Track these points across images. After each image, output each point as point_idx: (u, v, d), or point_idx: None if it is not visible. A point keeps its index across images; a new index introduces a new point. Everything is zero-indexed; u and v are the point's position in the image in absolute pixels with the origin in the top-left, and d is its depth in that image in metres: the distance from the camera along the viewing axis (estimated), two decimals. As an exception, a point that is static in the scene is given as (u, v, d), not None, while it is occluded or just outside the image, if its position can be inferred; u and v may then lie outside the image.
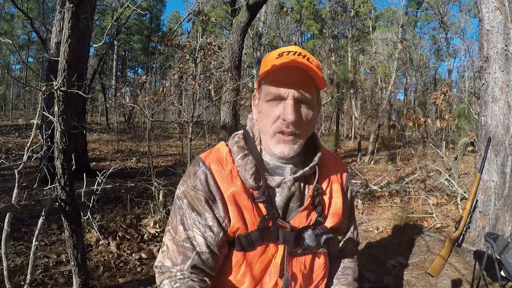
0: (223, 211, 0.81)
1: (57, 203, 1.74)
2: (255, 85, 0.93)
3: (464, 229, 1.97)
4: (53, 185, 1.79)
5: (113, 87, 21.07)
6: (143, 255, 2.73)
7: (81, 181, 2.29)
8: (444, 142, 8.45)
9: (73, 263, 1.82)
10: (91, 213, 2.67)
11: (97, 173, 2.60)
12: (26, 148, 1.79)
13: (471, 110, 7.67)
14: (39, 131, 2.89)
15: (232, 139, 0.90)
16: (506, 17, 2.78)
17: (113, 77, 22.37)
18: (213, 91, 4.89)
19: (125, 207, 3.50)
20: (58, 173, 1.70)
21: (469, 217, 2.00)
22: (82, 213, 2.31)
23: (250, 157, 0.83)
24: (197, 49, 4.53)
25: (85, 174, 2.36)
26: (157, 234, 3.14)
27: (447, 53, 22.72)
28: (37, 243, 1.68)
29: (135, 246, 2.88)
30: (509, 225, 2.71)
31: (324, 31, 16.88)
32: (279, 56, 0.78)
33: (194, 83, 4.34)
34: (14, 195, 1.67)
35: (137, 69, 31.66)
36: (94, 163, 6.24)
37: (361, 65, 14.82)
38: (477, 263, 1.96)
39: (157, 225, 3.24)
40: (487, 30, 2.87)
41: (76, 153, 2.60)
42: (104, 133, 10.42)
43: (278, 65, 0.74)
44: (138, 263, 2.63)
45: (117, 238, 2.93)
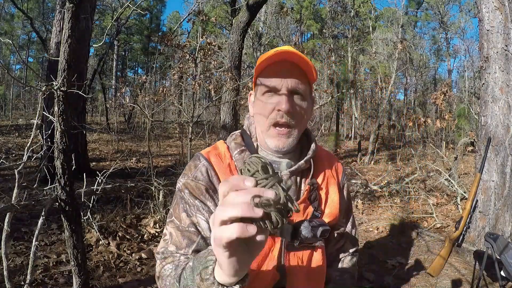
0: None
1: (57, 203, 1.74)
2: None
3: (464, 229, 1.97)
4: (53, 185, 1.79)
5: (113, 87, 21.07)
6: (143, 255, 2.73)
7: (81, 181, 2.29)
8: (444, 142, 8.45)
9: (73, 263, 1.82)
10: (91, 213, 2.67)
11: (97, 173, 2.60)
12: (26, 148, 1.80)
13: (471, 110, 7.67)
14: (39, 131, 2.89)
15: (230, 137, 0.93)
16: (506, 17, 2.78)
17: (113, 77, 22.36)
18: (213, 91, 4.89)
19: (125, 207, 3.50)
20: (58, 173, 1.70)
21: (469, 217, 2.00)
22: (82, 213, 2.31)
23: (247, 152, 0.86)
24: (197, 49, 4.53)
25: (85, 174, 2.35)
26: (157, 234, 3.14)
27: (447, 53, 22.72)
28: (37, 243, 1.68)
29: (135, 246, 2.88)
30: (509, 225, 2.71)
31: (324, 31, 16.88)
32: (273, 54, 0.83)
33: (194, 83, 4.34)
34: (14, 195, 1.68)
35: (137, 69, 31.71)
36: (94, 163, 6.24)
37: (361, 65, 14.83)
38: (477, 263, 1.96)
39: (157, 225, 3.24)
40: (487, 30, 2.87)
41: (76, 153, 2.60)
42: (104, 133, 10.42)
43: (271, 56, 0.79)
44: (138, 263, 2.63)
45: (117, 238, 2.93)
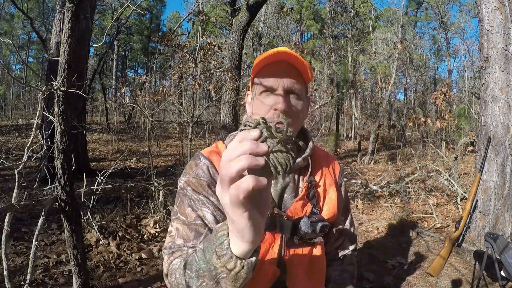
0: None
1: (57, 203, 1.74)
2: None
3: (464, 229, 1.97)
4: (53, 185, 1.79)
5: (113, 87, 21.06)
6: (143, 255, 2.73)
7: (81, 181, 2.29)
8: (444, 142, 8.45)
9: (73, 263, 1.83)
10: (91, 213, 2.67)
11: (97, 173, 2.60)
12: (26, 148, 1.80)
13: (471, 110, 7.67)
14: (39, 131, 2.89)
15: (228, 138, 0.94)
16: (506, 17, 2.78)
17: (113, 77, 22.36)
18: (213, 91, 4.89)
19: (125, 207, 3.50)
20: (58, 173, 1.70)
21: (469, 217, 2.01)
22: (82, 213, 2.31)
23: None
24: (197, 49, 4.53)
25: (85, 174, 2.36)
26: (157, 234, 3.14)
27: (447, 53, 22.71)
28: (37, 243, 1.68)
29: (135, 246, 2.88)
30: (509, 225, 2.71)
31: (324, 31, 16.88)
32: (269, 55, 0.84)
33: (194, 83, 4.34)
34: (14, 195, 1.68)
35: (137, 69, 31.69)
36: (94, 163, 6.24)
37: (361, 65, 14.83)
38: (477, 263, 1.97)
39: (157, 225, 3.24)
40: (487, 30, 2.87)
41: (76, 153, 2.60)
42: (104, 133, 10.42)
43: (268, 57, 0.81)
44: (138, 263, 2.63)
45: (117, 238, 2.93)
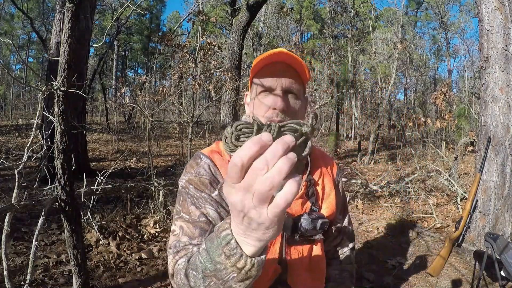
0: None
1: (57, 203, 1.74)
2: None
3: (464, 229, 1.98)
4: (53, 185, 1.79)
5: (113, 87, 21.05)
6: (143, 255, 2.73)
7: (81, 181, 2.29)
8: (444, 142, 8.45)
9: (73, 263, 1.83)
10: (91, 213, 2.67)
11: (97, 173, 2.61)
12: (26, 148, 1.80)
13: (471, 110, 7.67)
14: (39, 131, 2.89)
15: None
16: (506, 17, 2.78)
17: (113, 77, 22.35)
18: (213, 91, 4.89)
19: (125, 207, 3.50)
20: (58, 173, 1.70)
21: (469, 217, 2.01)
22: (82, 213, 2.31)
23: None
24: (197, 49, 4.53)
25: (85, 174, 2.36)
26: (157, 234, 3.15)
27: (447, 53, 22.72)
28: (37, 243, 1.68)
29: (135, 246, 2.88)
30: (509, 225, 2.71)
31: (324, 31, 16.87)
32: (267, 56, 0.86)
33: (194, 83, 4.34)
34: (14, 195, 1.68)
35: (137, 69, 31.68)
36: (94, 163, 6.24)
37: (361, 65, 14.82)
38: (477, 263, 1.97)
39: (157, 225, 3.24)
40: (487, 30, 2.87)
41: (76, 153, 2.60)
42: (104, 133, 10.42)
43: (266, 57, 0.82)
44: (138, 263, 2.63)
45: (117, 238, 2.93)
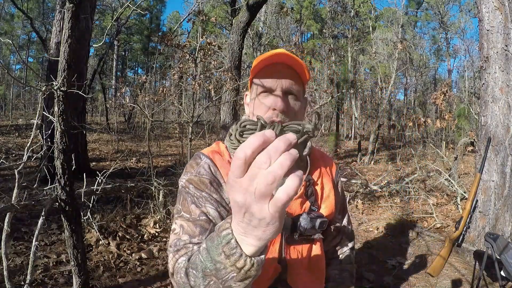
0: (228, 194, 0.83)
1: (57, 203, 1.74)
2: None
3: (464, 229, 1.97)
4: (53, 185, 1.79)
5: (113, 87, 21.05)
6: (143, 255, 2.73)
7: (81, 181, 2.29)
8: (444, 142, 8.45)
9: (73, 263, 1.83)
10: (91, 213, 2.67)
11: (97, 173, 2.61)
12: (26, 148, 1.80)
13: (471, 110, 7.67)
14: (39, 131, 2.89)
15: (227, 138, 0.94)
16: (506, 17, 2.78)
17: (113, 77, 22.35)
18: (213, 91, 4.89)
19: (125, 207, 3.50)
20: (58, 173, 1.70)
21: (469, 217, 2.01)
22: (82, 213, 2.31)
23: None
24: (197, 49, 4.53)
25: (85, 174, 2.35)
26: (157, 234, 3.15)
27: (447, 53, 22.72)
28: (37, 243, 1.68)
29: (135, 246, 2.88)
30: (509, 225, 2.71)
31: (324, 31, 16.87)
32: (268, 57, 0.86)
33: (194, 83, 4.34)
34: (14, 195, 1.68)
35: (137, 69, 31.69)
36: (94, 163, 6.24)
37: (361, 65, 14.82)
38: (477, 263, 1.97)
39: (157, 225, 3.24)
40: (487, 30, 2.87)
41: (76, 153, 2.60)
42: (104, 133, 10.42)
43: (267, 58, 0.83)
44: (138, 263, 2.63)
45: (117, 238, 2.93)
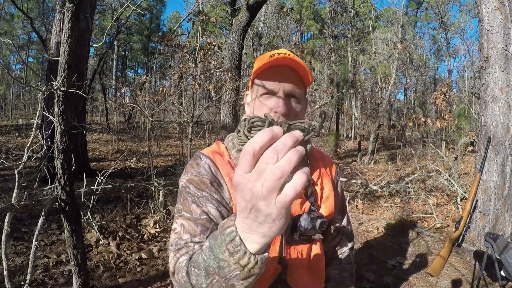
0: (229, 194, 0.84)
1: (57, 203, 1.74)
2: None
3: (464, 229, 1.97)
4: (53, 185, 1.79)
5: (113, 87, 21.05)
6: (143, 255, 2.73)
7: (81, 181, 2.29)
8: (444, 142, 8.45)
9: (73, 263, 1.83)
10: (91, 213, 2.67)
11: (97, 173, 2.61)
12: (26, 148, 1.80)
13: (471, 110, 7.67)
14: (39, 131, 2.89)
15: (227, 138, 0.95)
16: (506, 17, 2.78)
17: (113, 77, 22.34)
18: (213, 91, 4.89)
19: (125, 207, 3.50)
20: (58, 173, 1.70)
21: (469, 217, 2.00)
22: (82, 213, 2.31)
23: None
24: (197, 49, 4.53)
25: (85, 174, 2.35)
26: (157, 234, 3.14)
27: (447, 53, 22.73)
28: (37, 243, 1.68)
29: (135, 246, 2.88)
30: (509, 225, 2.71)
31: (324, 31, 16.87)
32: (271, 57, 0.85)
33: (194, 83, 4.34)
34: (14, 195, 1.68)
35: (137, 69, 31.68)
36: (94, 163, 6.24)
37: (361, 65, 14.83)
38: (477, 263, 1.97)
39: (157, 225, 3.24)
40: (487, 30, 2.87)
41: (76, 153, 2.60)
42: (104, 133, 10.42)
43: (271, 61, 0.82)
44: (138, 263, 2.63)
45: (117, 238, 2.93)
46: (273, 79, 0.84)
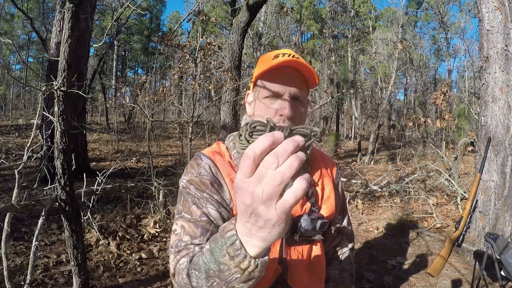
0: (229, 194, 0.84)
1: (57, 203, 1.74)
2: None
3: (464, 229, 1.97)
4: (53, 185, 1.79)
5: (113, 87, 21.04)
6: (143, 255, 2.73)
7: (81, 181, 2.29)
8: (444, 142, 8.46)
9: (73, 263, 1.83)
10: (91, 213, 2.67)
11: (97, 173, 2.61)
12: (26, 148, 1.79)
13: (471, 110, 7.67)
14: (39, 131, 2.89)
15: (228, 138, 0.94)
16: (506, 17, 2.78)
17: (113, 77, 22.35)
18: (213, 91, 4.89)
19: (125, 207, 3.50)
20: (58, 173, 1.70)
21: (469, 217, 2.00)
22: (82, 213, 2.31)
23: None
24: (197, 49, 4.53)
25: (85, 174, 2.35)
26: (157, 234, 3.14)
27: (447, 53, 22.74)
28: (37, 243, 1.68)
29: (135, 246, 2.88)
30: (509, 225, 2.71)
31: (324, 31, 16.87)
32: (275, 57, 0.83)
33: (194, 83, 4.34)
34: (14, 195, 1.68)
35: (137, 69, 31.68)
36: (94, 163, 6.24)
37: (361, 65, 14.83)
38: (477, 263, 1.97)
39: (157, 225, 3.24)
40: (487, 30, 2.87)
41: (76, 153, 2.60)
42: (104, 133, 10.42)
43: (278, 64, 0.80)
44: (138, 263, 2.63)
45: (117, 238, 2.93)
46: (279, 81, 0.82)
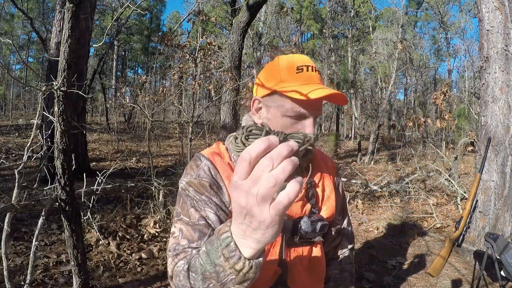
0: (228, 197, 0.84)
1: (57, 203, 1.74)
2: (255, 85, 0.97)
3: (464, 229, 1.97)
4: (53, 185, 1.79)
5: (113, 87, 21.03)
6: (143, 255, 2.73)
7: (81, 181, 2.29)
8: (444, 142, 8.46)
9: (73, 263, 1.83)
10: (91, 213, 2.67)
11: (97, 173, 2.60)
12: (26, 148, 1.79)
13: (471, 110, 7.67)
14: (39, 131, 2.89)
15: (228, 139, 0.93)
16: (506, 17, 2.78)
17: (113, 77, 22.34)
18: (213, 91, 4.90)
19: (125, 207, 3.50)
20: (58, 173, 1.70)
21: (469, 217, 2.00)
22: (82, 213, 2.31)
23: None
24: (197, 49, 4.53)
25: (85, 174, 2.35)
26: (157, 234, 3.14)
27: (447, 53, 22.74)
28: (37, 243, 1.68)
29: (135, 246, 2.88)
30: (509, 225, 2.71)
31: (324, 31, 16.87)
32: (299, 70, 0.82)
33: (194, 83, 4.34)
34: (14, 195, 1.68)
35: (137, 69, 31.68)
36: (94, 163, 6.24)
37: (361, 65, 14.82)
38: (477, 263, 1.97)
39: (157, 225, 3.24)
40: (487, 30, 2.87)
41: (76, 153, 2.60)
42: (104, 133, 10.43)
43: (314, 100, 0.78)
44: (138, 263, 2.63)
45: (117, 238, 2.93)
46: (308, 107, 0.82)
